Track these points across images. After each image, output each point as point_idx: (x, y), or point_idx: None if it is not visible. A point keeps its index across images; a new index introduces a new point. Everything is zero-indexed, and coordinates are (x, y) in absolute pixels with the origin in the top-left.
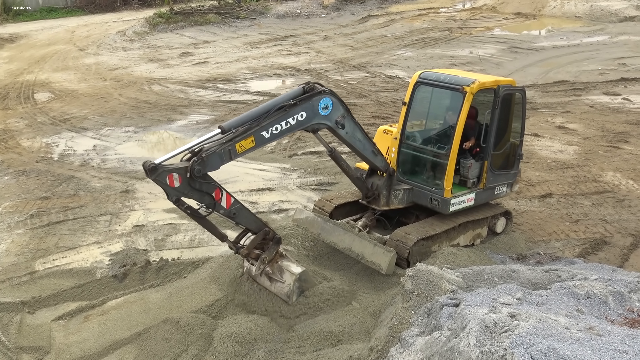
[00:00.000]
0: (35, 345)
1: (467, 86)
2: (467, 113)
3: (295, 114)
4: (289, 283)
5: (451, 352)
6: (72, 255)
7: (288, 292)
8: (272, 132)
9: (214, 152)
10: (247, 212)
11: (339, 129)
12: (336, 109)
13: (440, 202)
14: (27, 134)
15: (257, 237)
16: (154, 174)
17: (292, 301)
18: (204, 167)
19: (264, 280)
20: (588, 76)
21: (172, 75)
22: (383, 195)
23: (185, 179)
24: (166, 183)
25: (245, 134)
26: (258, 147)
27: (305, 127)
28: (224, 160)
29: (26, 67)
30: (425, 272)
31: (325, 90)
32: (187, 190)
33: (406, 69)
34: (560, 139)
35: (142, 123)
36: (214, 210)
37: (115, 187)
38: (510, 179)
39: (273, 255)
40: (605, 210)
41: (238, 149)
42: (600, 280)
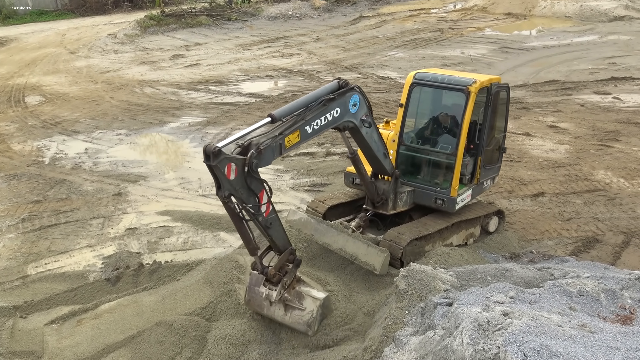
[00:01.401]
0: (28, 349)
1: (470, 86)
2: (471, 112)
3: (332, 109)
4: (311, 310)
5: (445, 351)
6: (64, 259)
7: (309, 320)
8: (313, 127)
9: (269, 146)
10: (281, 225)
11: (362, 128)
12: (361, 107)
13: (446, 201)
14: (18, 137)
15: (283, 256)
16: (217, 159)
17: (313, 331)
18: (260, 161)
19: (275, 311)
20: (579, 75)
21: (164, 78)
22: (390, 200)
23: (242, 173)
24: (224, 173)
25: (292, 128)
26: (302, 143)
27: (337, 125)
28: (275, 155)
29: (16, 71)
30: (418, 272)
31: (355, 88)
32: (239, 186)
33: (398, 69)
34: (551, 138)
35: (134, 126)
36: (255, 216)
37: (108, 190)
38: (495, 172)
39: (293, 276)
40: (597, 208)
41: (287, 143)
42: (593, 278)
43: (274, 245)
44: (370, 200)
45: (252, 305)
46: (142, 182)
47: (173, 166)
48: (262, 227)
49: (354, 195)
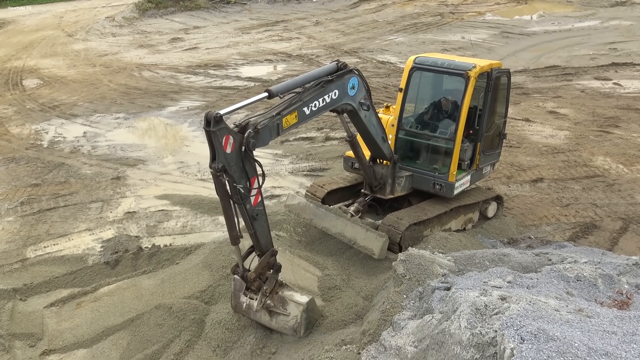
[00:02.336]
0: (28, 332)
1: (470, 70)
2: (470, 97)
3: (330, 91)
4: (295, 315)
5: (442, 334)
6: (63, 242)
7: (294, 325)
8: (311, 109)
9: (266, 126)
10: (267, 221)
11: (361, 111)
12: (360, 90)
13: (444, 186)
14: (16, 120)
15: (264, 259)
16: (218, 126)
17: (301, 335)
18: (257, 140)
19: (261, 316)
20: (579, 61)
21: (163, 61)
22: (388, 184)
23: (238, 150)
24: (221, 142)
25: (290, 109)
26: (299, 124)
27: (335, 107)
28: (272, 135)
29: (14, 53)
30: (417, 257)
31: (354, 70)
32: (233, 162)
33: (398, 54)
34: (551, 124)
35: (132, 109)
36: (242, 203)
37: (106, 174)
38: (495, 158)
39: (274, 281)
40: (596, 194)
41: (284, 124)
42: (590, 264)
43: (256, 242)
44: (368, 184)
45: (239, 310)
46: (141, 166)
47: (172, 150)
48: (248, 216)
49: (353, 180)
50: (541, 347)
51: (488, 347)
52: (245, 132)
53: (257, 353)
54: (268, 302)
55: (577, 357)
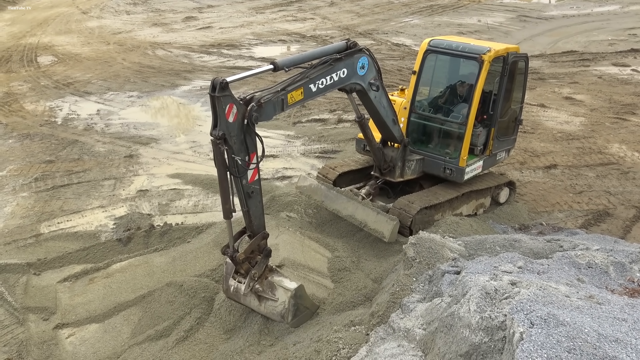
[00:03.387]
0: (42, 305)
1: (484, 54)
2: (484, 81)
3: (338, 69)
4: (283, 301)
5: (451, 317)
6: (76, 218)
7: (282, 311)
8: (318, 86)
9: (270, 100)
10: (262, 202)
11: (370, 91)
12: (370, 70)
13: (455, 171)
14: (30, 97)
15: (255, 241)
16: (223, 92)
17: (288, 321)
18: (260, 114)
19: (251, 301)
20: (597, 46)
21: (176, 40)
22: (398, 167)
23: (241, 122)
24: (224, 109)
25: (296, 85)
26: (305, 101)
27: (344, 86)
28: (277, 110)
29: (29, 30)
30: (427, 240)
31: (364, 49)
32: (234, 133)
33: (413, 36)
34: (566, 110)
35: (145, 88)
36: (239, 176)
37: (119, 152)
38: (510, 144)
39: (262, 271)
40: (610, 182)
41: (289, 99)
42: (602, 251)
43: (249, 222)
44: (377, 166)
45: (230, 294)
46: (154, 145)
47: (184, 129)
48: (243, 192)
49: (364, 163)
50: (551, 331)
51: (497, 330)
52: (249, 105)
53: (265, 332)
54: (257, 287)
55: (586, 343)
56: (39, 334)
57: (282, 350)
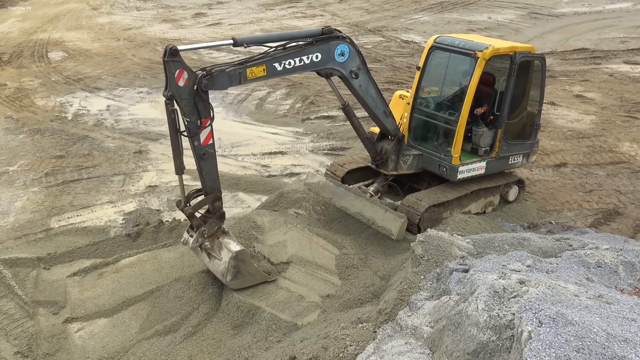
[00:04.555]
0: (51, 299)
1: (480, 51)
2: (478, 79)
3: (310, 53)
4: (225, 261)
5: (459, 315)
6: (86, 213)
7: (223, 270)
8: (284, 66)
9: (223, 71)
10: (215, 163)
11: (352, 79)
12: (352, 59)
13: (448, 169)
14: (41, 92)
15: (206, 199)
16: (173, 57)
17: (227, 281)
18: (211, 83)
19: (204, 256)
20: (609, 44)
21: (186, 37)
22: (391, 160)
23: (191, 86)
24: (174, 74)
25: (258, 61)
26: (269, 78)
27: (319, 70)
28: (233, 82)
29: (40, 26)
30: (435, 238)
31: (343, 37)
32: (184, 96)
33: (422, 33)
34: (577, 108)
35: (155, 84)
36: (190, 137)
37: (129, 148)
38: (526, 149)
39: (214, 231)
40: (620, 181)
41: (249, 74)
42: (612, 250)
43: (203, 182)
44: (370, 157)
45: (184, 244)
46: (163, 141)
47: None
48: (195, 154)
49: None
50: (559, 331)
51: (505, 329)
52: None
53: (272, 328)
54: (206, 244)
55: (595, 343)
56: (49, 327)
57: (289, 347)
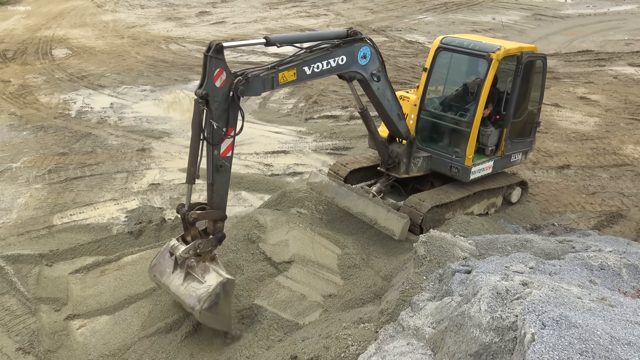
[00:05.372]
0: (53, 296)
1: (493, 53)
2: (492, 80)
3: (336, 56)
4: (209, 284)
5: (462, 317)
6: (89, 211)
7: (202, 294)
8: (313, 70)
9: (258, 76)
10: (228, 179)
11: (372, 82)
12: (373, 61)
13: (460, 170)
14: (45, 90)
15: (213, 213)
16: (217, 54)
17: (201, 308)
18: (247, 89)
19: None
20: (613, 46)
21: (190, 35)
22: (403, 163)
23: (226, 89)
24: (213, 72)
25: (289, 65)
26: (299, 82)
27: (342, 73)
28: (266, 88)
29: (44, 23)
30: (438, 239)
31: (366, 39)
32: (218, 98)
33: (426, 34)
34: (581, 110)
35: (158, 82)
36: (212, 144)
37: (132, 145)
38: (526, 146)
39: (207, 250)
40: (624, 183)
41: (280, 79)
42: (615, 253)
43: (210, 197)
44: (382, 161)
45: (155, 269)
46: (166, 139)
47: None
48: (212, 164)
49: (376, 160)
50: (563, 333)
51: (508, 331)
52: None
53: (274, 327)
54: (192, 262)
55: (599, 345)
56: (51, 324)
57: (290, 346)
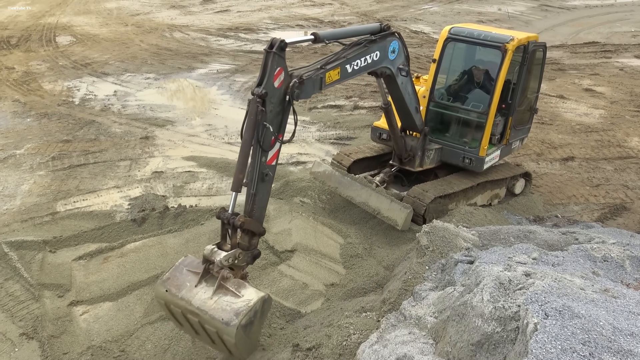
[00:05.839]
0: (57, 282)
1: (508, 43)
2: (507, 70)
3: (372, 52)
4: (249, 299)
5: (464, 306)
6: (92, 198)
7: (241, 308)
8: (353, 67)
9: (310, 78)
10: (269, 191)
11: (399, 77)
12: (400, 56)
13: (474, 160)
14: (49, 77)
15: (257, 224)
16: (280, 51)
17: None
18: (301, 91)
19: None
20: (620, 38)
21: (194, 23)
22: (417, 156)
23: (282, 91)
24: (275, 70)
25: (334, 64)
26: (340, 82)
27: (375, 69)
28: (315, 89)
29: (48, 10)
30: (441, 229)
31: (396, 33)
32: (274, 100)
33: (432, 24)
34: (586, 102)
35: (162, 70)
36: (263, 148)
37: (135, 133)
38: (524, 133)
39: (242, 264)
40: (628, 175)
41: (327, 79)
42: (618, 245)
43: (251, 208)
44: (397, 156)
45: (169, 283)
46: (169, 127)
47: (200, 112)
48: (257, 172)
49: (379, 150)
50: (565, 323)
51: (510, 321)
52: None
53: (276, 316)
54: (226, 273)
55: (601, 336)
56: (54, 310)
57: (292, 334)
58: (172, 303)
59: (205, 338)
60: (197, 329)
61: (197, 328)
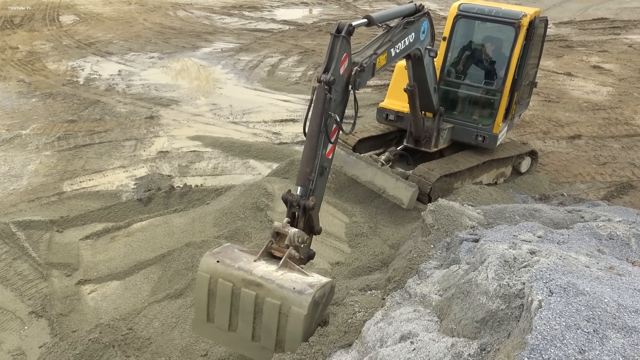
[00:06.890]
0: (64, 262)
1: (521, 19)
2: (521, 47)
3: (409, 34)
4: (319, 279)
5: (469, 284)
6: (98, 178)
7: (314, 282)
8: (396, 51)
9: (368, 65)
10: (325, 186)
11: (426, 57)
12: (427, 36)
13: (488, 138)
14: (53, 56)
15: (318, 219)
16: (348, 35)
17: (311, 291)
18: (362, 80)
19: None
20: (630, 14)
21: (198, 1)
22: (433, 137)
23: (346, 77)
24: (342, 55)
25: (383, 48)
26: (386, 66)
27: (409, 52)
28: (369, 76)
29: None
30: (446, 208)
31: (428, 13)
32: (339, 88)
33: (438, 1)
34: (594, 80)
35: (166, 49)
36: (329, 137)
37: (140, 113)
38: (524, 108)
39: (303, 255)
40: (635, 154)
41: (378, 64)
42: (624, 223)
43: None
44: (414, 137)
45: (220, 255)
46: (174, 107)
47: (205, 92)
48: (317, 165)
49: (385, 129)
50: (570, 300)
51: (515, 298)
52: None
53: None
54: (294, 253)
55: (606, 313)
56: (62, 289)
57: None
58: (223, 275)
59: (247, 328)
60: (247, 310)
61: (248, 308)
